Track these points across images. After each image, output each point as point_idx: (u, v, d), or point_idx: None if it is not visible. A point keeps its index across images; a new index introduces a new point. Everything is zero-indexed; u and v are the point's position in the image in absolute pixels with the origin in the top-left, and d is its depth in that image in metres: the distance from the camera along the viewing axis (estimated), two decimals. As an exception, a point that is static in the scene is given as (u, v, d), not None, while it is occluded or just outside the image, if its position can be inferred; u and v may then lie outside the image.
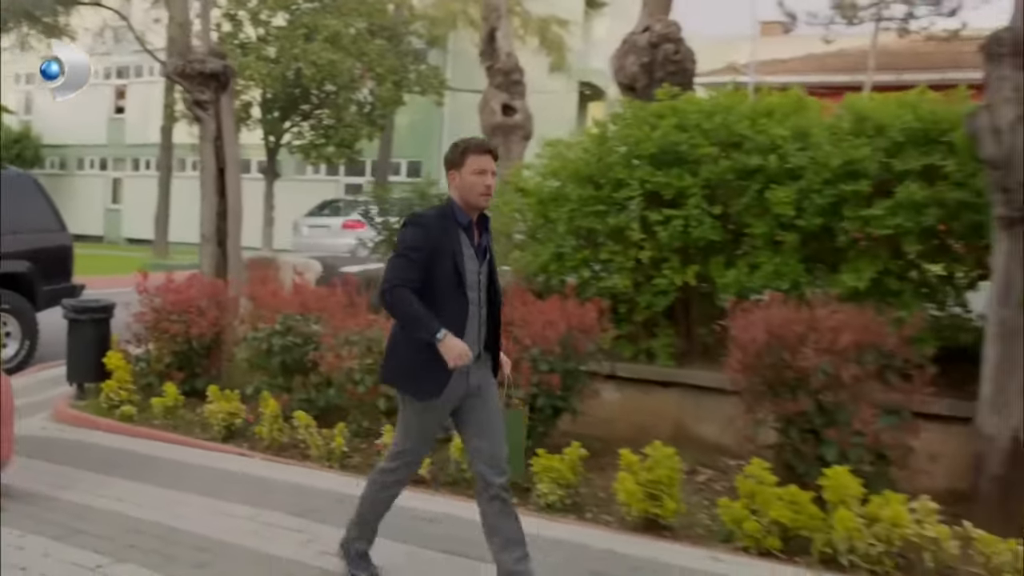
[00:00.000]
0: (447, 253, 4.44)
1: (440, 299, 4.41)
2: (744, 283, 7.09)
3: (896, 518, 5.10)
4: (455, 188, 4.54)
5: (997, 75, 5.82)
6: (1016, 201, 5.79)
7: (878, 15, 23.25)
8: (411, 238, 4.44)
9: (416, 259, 4.38)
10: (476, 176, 4.48)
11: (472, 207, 4.53)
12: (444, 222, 4.50)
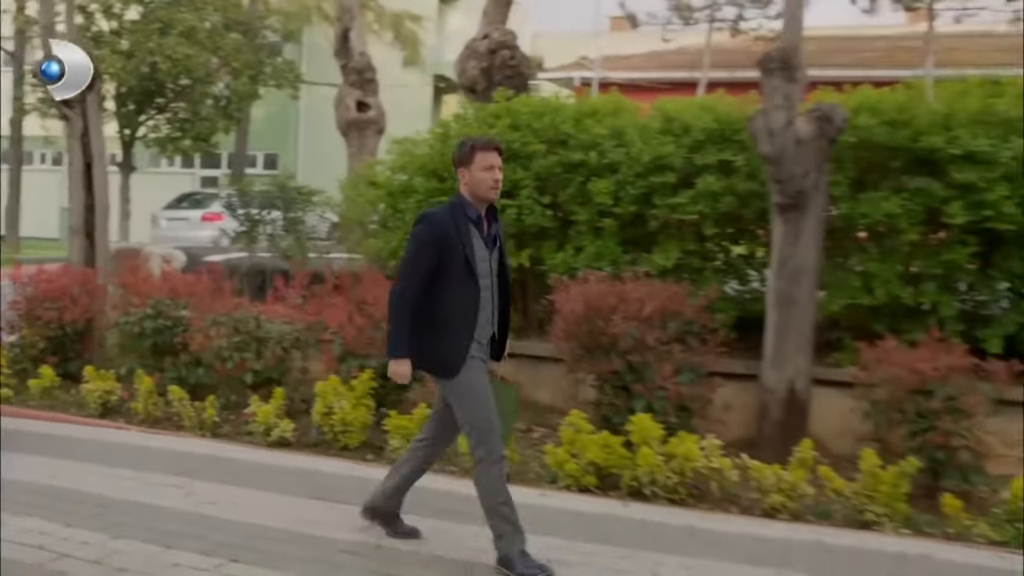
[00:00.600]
0: (457, 246, 4.81)
1: (453, 287, 4.81)
2: (571, 264, 8.09)
3: (688, 454, 6.14)
4: (465, 184, 4.91)
5: (770, 86, 6.95)
6: (788, 191, 6.93)
7: (711, 16, 24.69)
8: (421, 236, 4.86)
9: (425, 256, 4.79)
10: (485, 172, 4.87)
11: (481, 200, 4.92)
12: (454, 217, 4.86)
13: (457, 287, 4.85)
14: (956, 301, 7.41)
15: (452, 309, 4.84)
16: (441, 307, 4.84)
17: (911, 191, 7.25)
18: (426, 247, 4.82)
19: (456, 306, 4.85)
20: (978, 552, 5.47)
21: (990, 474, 6.32)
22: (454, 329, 4.84)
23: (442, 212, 4.96)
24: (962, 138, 7.09)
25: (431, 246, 4.81)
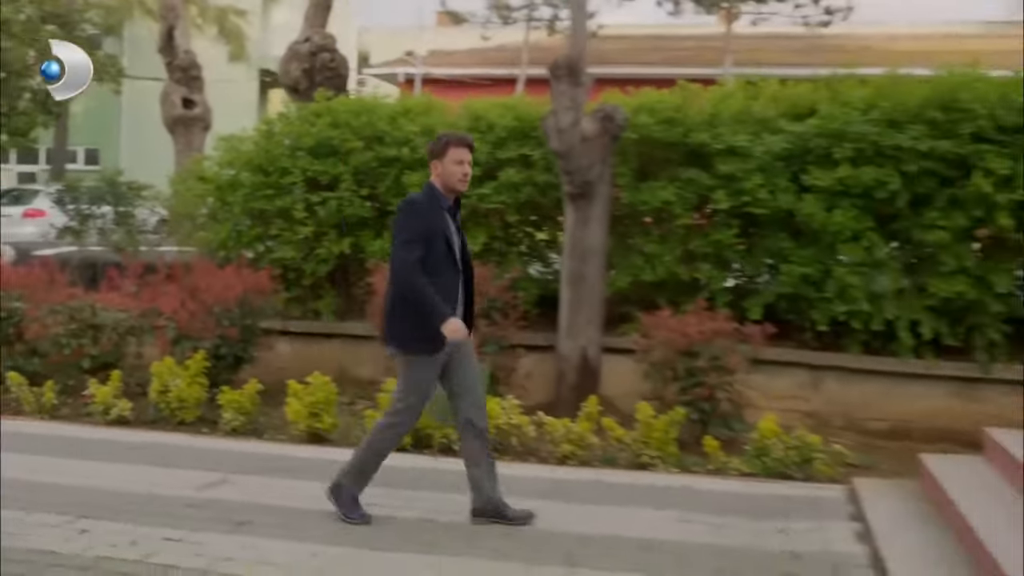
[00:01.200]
0: (439, 232, 5.23)
1: (436, 270, 5.19)
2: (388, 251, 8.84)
3: (491, 413, 6.97)
4: (437, 175, 5.33)
5: (559, 90, 7.89)
6: (576, 181, 7.88)
7: (529, 15, 25.73)
8: (412, 221, 5.22)
9: (418, 239, 5.15)
10: (456, 165, 5.29)
11: (451, 191, 5.35)
12: (432, 205, 5.29)
13: (438, 270, 5.23)
14: (727, 276, 8.53)
15: (436, 287, 5.18)
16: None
17: (684, 181, 8.32)
18: (417, 231, 5.19)
19: (438, 288, 5.19)
20: (730, 482, 6.53)
21: (748, 422, 7.41)
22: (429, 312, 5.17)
23: (422, 199, 5.37)
24: (725, 135, 8.19)
25: (420, 230, 5.20)
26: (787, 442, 6.73)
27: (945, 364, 7.94)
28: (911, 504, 5.79)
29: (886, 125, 7.85)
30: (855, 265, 7.87)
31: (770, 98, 8.62)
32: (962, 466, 5.99)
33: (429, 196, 5.35)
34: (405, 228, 5.25)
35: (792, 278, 8.00)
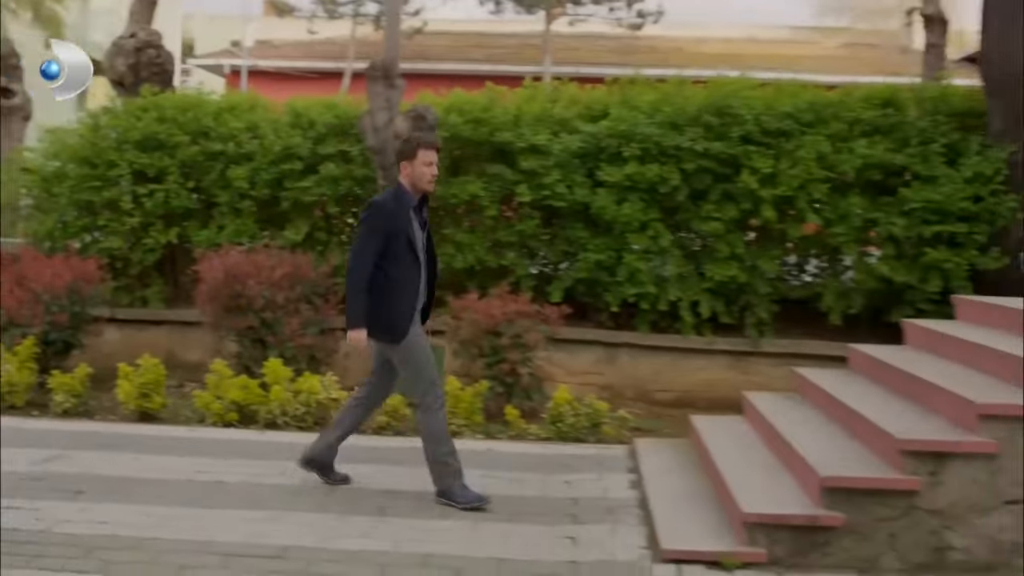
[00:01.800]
0: (401, 229, 5.66)
1: (398, 263, 5.66)
2: (214, 240, 9.31)
3: (312, 389, 7.61)
4: (406, 176, 5.74)
5: (374, 91, 8.55)
6: (391, 176, 8.51)
7: (356, 11, 26.13)
8: (374, 219, 5.70)
9: (374, 240, 5.62)
10: (426, 167, 5.71)
11: (419, 191, 5.77)
12: (398, 203, 5.73)
13: (401, 264, 5.67)
14: (530, 263, 9.35)
15: (397, 283, 5.69)
16: (388, 281, 5.69)
17: (491, 176, 9.09)
18: (375, 232, 5.67)
19: (401, 280, 5.69)
20: (529, 445, 7.33)
21: (548, 394, 8.22)
22: (400, 300, 5.70)
23: (387, 200, 5.81)
24: (527, 134, 9.00)
25: (379, 231, 5.65)
26: (578, 410, 7.58)
27: (722, 340, 8.97)
28: (679, 457, 6.69)
29: (669, 127, 8.81)
30: (643, 252, 8.80)
31: (568, 100, 9.48)
32: (724, 425, 6.93)
33: (396, 197, 5.80)
34: (365, 226, 5.78)
35: (588, 264, 8.87)
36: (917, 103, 8.98)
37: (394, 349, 5.80)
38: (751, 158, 8.65)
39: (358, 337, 5.73)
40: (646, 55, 27.84)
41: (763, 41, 31.84)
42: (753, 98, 8.91)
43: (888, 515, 4.91)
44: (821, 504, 4.94)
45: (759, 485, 5.39)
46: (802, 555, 4.91)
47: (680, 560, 4.95)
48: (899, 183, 8.67)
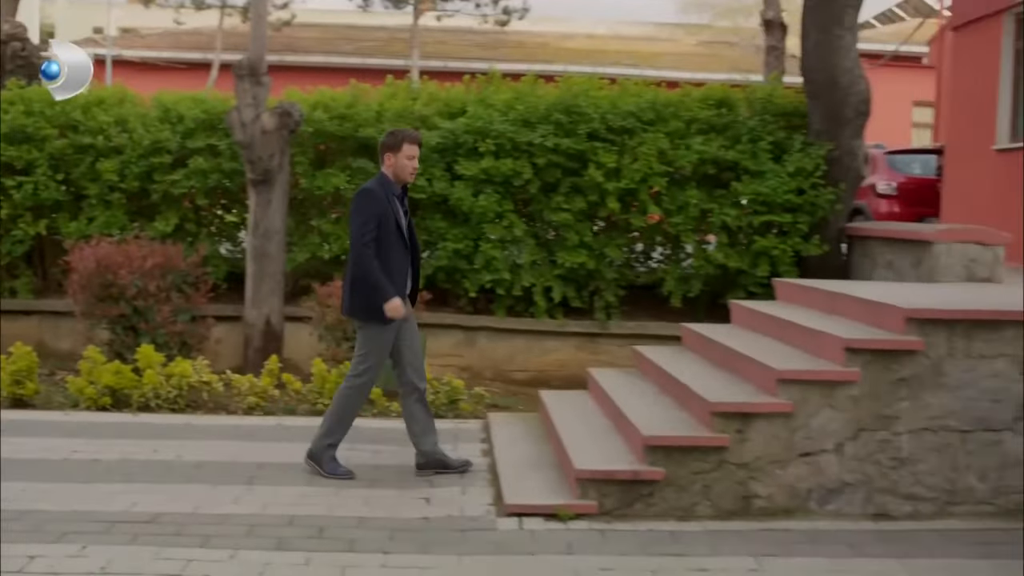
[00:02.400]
0: (390, 215, 5.96)
1: (388, 249, 5.96)
2: (84, 231, 9.54)
3: (184, 372, 7.98)
4: (389, 167, 6.06)
5: (242, 88, 8.93)
6: (258, 169, 8.95)
7: (223, 2, 26.09)
8: (367, 208, 5.93)
9: (372, 222, 5.88)
10: (409, 160, 6.07)
11: (402, 181, 6.13)
12: (384, 191, 6.01)
13: (390, 250, 5.97)
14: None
15: (387, 268, 5.95)
16: (379, 266, 5.93)
17: (355, 169, 9.56)
18: (370, 216, 5.93)
19: (390, 266, 5.96)
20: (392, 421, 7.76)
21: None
22: (393, 281, 5.97)
23: (375, 186, 6.06)
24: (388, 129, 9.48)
25: (373, 215, 5.93)
26: (437, 388, 8.14)
27: (573, 323, 9.65)
28: (528, 429, 7.30)
29: (521, 124, 9.43)
30: (498, 241, 9.40)
31: (428, 98, 10.01)
32: (569, 398, 7.57)
33: (382, 185, 6.08)
34: (361, 214, 5.98)
35: (447, 253, 9.43)
36: (748, 104, 9.81)
37: (371, 328, 6.07)
38: (597, 153, 9.33)
39: (394, 306, 5.94)
40: (513, 50, 28.60)
41: (626, 37, 32.94)
42: (599, 97, 9.60)
43: (702, 469, 5.60)
44: (644, 461, 5.61)
45: (593, 447, 6.04)
46: (628, 506, 5.57)
47: (522, 514, 5.56)
48: (731, 177, 9.47)
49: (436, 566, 4.90)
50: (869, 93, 9.35)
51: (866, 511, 5.68)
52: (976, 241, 7.99)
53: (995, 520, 5.68)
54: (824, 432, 5.63)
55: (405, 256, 6.14)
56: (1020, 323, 5.68)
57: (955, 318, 5.66)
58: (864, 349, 5.63)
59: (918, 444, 5.68)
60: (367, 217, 5.96)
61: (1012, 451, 5.73)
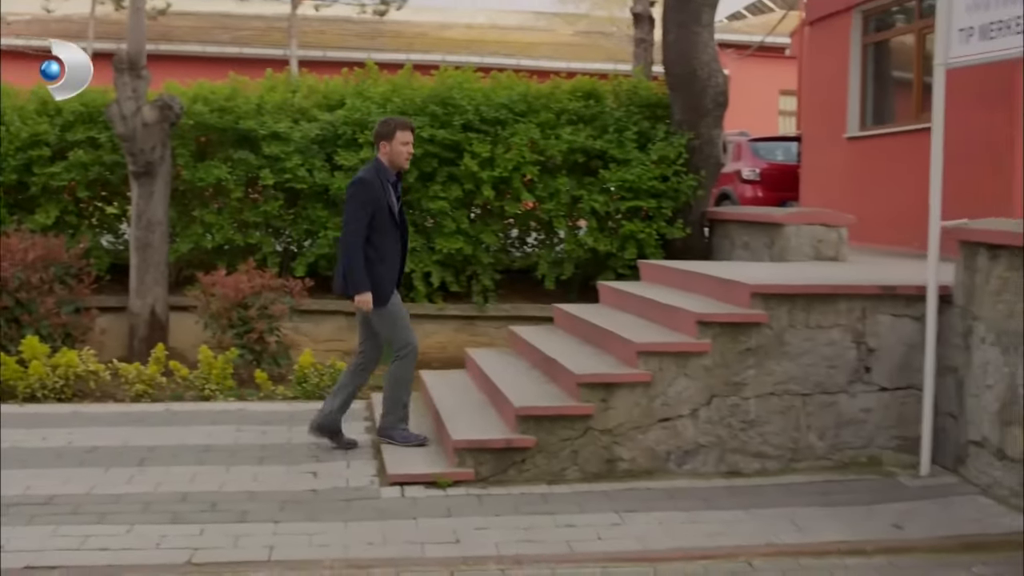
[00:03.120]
0: (384, 203, 6.27)
1: (382, 233, 6.27)
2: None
3: (70, 362, 8.13)
4: (384, 154, 6.33)
5: (122, 81, 9.07)
6: (139, 162, 9.12)
7: (94, -10, 25.60)
8: (363, 194, 6.23)
9: (367, 210, 6.20)
10: (403, 146, 6.34)
11: (397, 168, 6.41)
12: (379, 179, 6.29)
13: (384, 235, 6.32)
14: (276, 241, 10.12)
15: (382, 252, 6.32)
16: (374, 251, 6.29)
17: (236, 161, 9.78)
18: (365, 205, 6.24)
19: (384, 250, 6.33)
20: (278, 404, 8.10)
21: (296, 359, 9.03)
22: (384, 267, 6.34)
23: (371, 175, 6.33)
24: (269, 122, 9.75)
25: (368, 204, 6.24)
26: (321, 370, 8.45)
27: (452, 306, 10.07)
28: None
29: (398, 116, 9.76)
30: (379, 229, 9.73)
31: (308, 91, 10.28)
32: (448, 377, 7.97)
33: (377, 172, 6.37)
34: (355, 203, 6.29)
35: (328, 241, 9.73)
36: (615, 95, 10.35)
37: (377, 312, 6.42)
38: (472, 144, 9.75)
39: (365, 300, 6.32)
40: (391, 40, 28.80)
41: (504, 27, 33.37)
42: (473, 90, 10.02)
43: (570, 436, 6.07)
44: (516, 430, 6.05)
45: (469, 420, 6.46)
46: (503, 472, 6.01)
47: (404, 483, 5.95)
48: (599, 165, 10.00)
49: (323, 532, 5.25)
50: (726, 85, 9.99)
51: (719, 469, 6.23)
52: (822, 223, 8.65)
53: (832, 473, 6.29)
54: (680, 399, 6.16)
55: (397, 240, 6.49)
56: (852, 296, 6.30)
57: (795, 293, 6.25)
58: (714, 322, 6.17)
59: (764, 407, 6.25)
60: (360, 206, 6.29)
61: (847, 411, 6.35)
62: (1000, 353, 5.71)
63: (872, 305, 6.34)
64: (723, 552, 5.07)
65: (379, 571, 4.82)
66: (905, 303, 6.36)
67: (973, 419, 5.97)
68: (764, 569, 4.92)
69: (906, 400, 6.38)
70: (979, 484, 5.91)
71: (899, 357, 6.37)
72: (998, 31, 5.48)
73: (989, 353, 5.82)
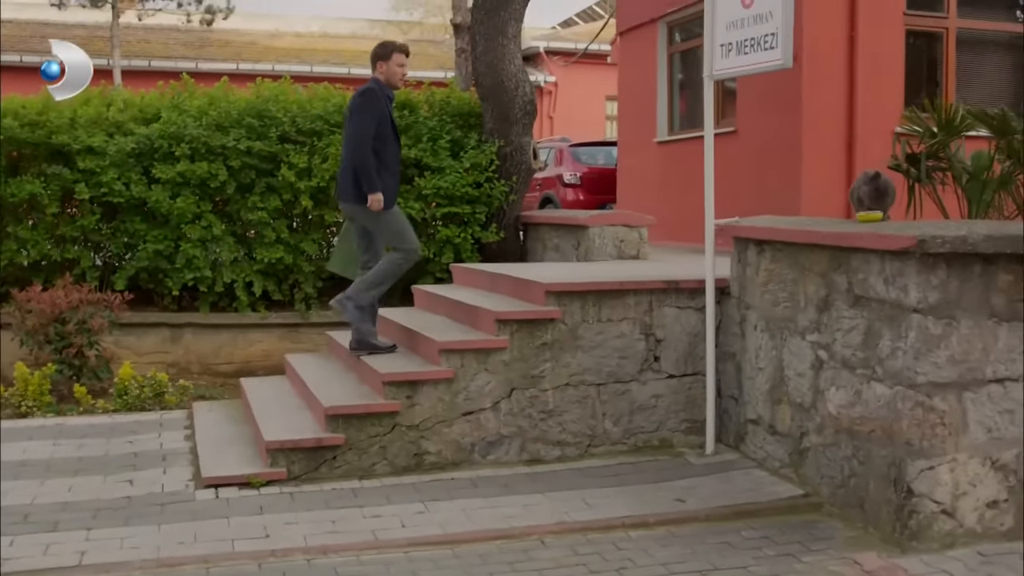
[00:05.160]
0: (387, 114, 6.86)
1: (384, 143, 6.81)
2: None
3: None
4: (382, 73, 6.93)
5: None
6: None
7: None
8: (370, 103, 6.79)
9: (374, 118, 6.74)
10: (399, 67, 6.95)
11: (393, 87, 7.05)
12: (382, 93, 6.87)
13: (386, 144, 6.86)
14: (95, 255, 10.11)
15: (385, 160, 6.84)
16: (378, 160, 6.81)
17: (50, 176, 9.74)
18: (372, 113, 6.78)
19: (387, 158, 6.86)
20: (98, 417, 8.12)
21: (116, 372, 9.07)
22: (387, 174, 6.88)
23: (375, 88, 6.89)
24: (83, 136, 9.74)
25: (375, 113, 6.78)
26: (142, 383, 8.54)
27: (275, 315, 10.27)
28: (229, 413, 7.86)
29: (215, 129, 9.93)
30: (198, 241, 9.86)
31: (123, 104, 10.30)
32: (267, 383, 8.19)
33: (379, 87, 6.93)
34: (364, 110, 6.83)
35: (148, 254, 9.81)
36: (428, 105, 10.72)
37: (378, 217, 6.94)
38: (289, 155, 9.98)
39: (378, 199, 6.82)
40: (219, 49, 28.55)
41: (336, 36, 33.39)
42: (289, 102, 10.24)
43: (378, 432, 6.39)
44: (327, 429, 6.34)
45: (283, 422, 6.72)
46: (315, 470, 6.29)
47: (218, 485, 6.16)
48: (415, 173, 10.34)
49: (136, 535, 5.43)
50: (533, 95, 10.49)
51: (521, 458, 6.65)
52: (624, 224, 9.21)
53: (627, 456, 6.78)
54: (482, 393, 6.56)
55: (397, 151, 7.11)
56: (639, 291, 6.82)
57: (586, 290, 6.73)
58: (511, 320, 6.59)
59: (562, 398, 6.71)
60: (369, 115, 6.83)
61: (639, 398, 6.86)
62: (769, 339, 6.30)
63: (658, 299, 6.87)
64: (517, 532, 5.46)
65: (190, 568, 5.04)
66: (688, 296, 6.91)
67: (750, 399, 6.55)
68: (555, 545, 5.32)
69: (693, 385, 6.93)
70: (755, 458, 6.49)
71: (684, 346, 6.91)
72: (751, 47, 6.07)
73: (760, 339, 6.40)
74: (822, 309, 5.71)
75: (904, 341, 5.04)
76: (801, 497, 5.85)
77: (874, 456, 5.29)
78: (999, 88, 12.24)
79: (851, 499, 5.48)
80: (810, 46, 10.90)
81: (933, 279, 4.94)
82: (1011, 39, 12.35)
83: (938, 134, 7.60)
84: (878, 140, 10.39)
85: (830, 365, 5.65)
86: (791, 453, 6.08)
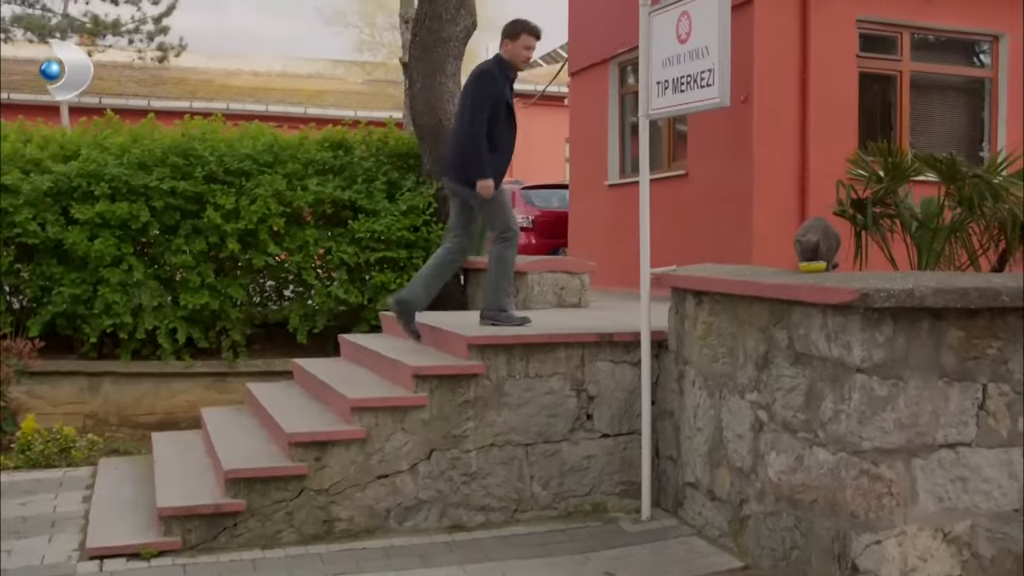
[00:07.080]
0: (503, 96, 6.61)
1: (497, 127, 6.58)
2: None
3: None
4: (507, 51, 6.68)
5: None
6: None
7: None
8: (487, 86, 6.57)
9: (488, 101, 6.51)
10: (525, 49, 6.68)
11: (515, 68, 6.74)
12: (501, 73, 6.63)
13: (500, 128, 6.62)
14: (10, 299, 9.55)
15: (496, 142, 6.61)
16: (491, 143, 6.58)
17: (-35, 218, 9.21)
18: (487, 96, 6.55)
19: (499, 140, 6.62)
20: None
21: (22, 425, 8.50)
22: (497, 156, 6.65)
23: (493, 68, 6.67)
24: (-6, 174, 9.24)
25: (490, 96, 6.55)
26: (47, 437, 7.97)
27: (201, 363, 9.75)
28: (136, 471, 7.29)
29: (137, 167, 9.44)
30: (118, 285, 9.33)
31: (42, 141, 9.80)
32: (179, 438, 7.66)
33: (499, 66, 6.71)
34: (479, 91, 6.62)
35: (64, 298, 9.26)
36: (365, 145, 10.29)
37: (484, 198, 6.69)
38: (215, 195, 9.50)
39: (487, 186, 6.62)
40: (174, 87, 28.09)
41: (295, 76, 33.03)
42: (217, 140, 9.78)
43: (284, 497, 5.87)
44: (227, 494, 5.81)
45: (182, 485, 6.18)
46: (213, 539, 5.74)
47: (104, 556, 5.60)
48: (349, 216, 9.89)
49: (1, 616, 4.89)
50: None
51: (442, 524, 6.15)
52: (564, 270, 8.77)
53: (557, 522, 6.29)
54: (398, 455, 6.06)
55: (513, 134, 6.81)
56: (570, 344, 6.36)
57: (512, 343, 6.26)
58: (430, 375, 6.11)
59: (486, 459, 6.22)
60: (483, 96, 6.61)
61: (570, 459, 6.39)
62: (707, 396, 5.86)
63: (591, 353, 6.42)
64: (426, 612, 4.98)
65: (54, 656, 4.51)
66: (623, 349, 6.47)
67: (688, 461, 6.10)
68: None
69: (628, 445, 6.47)
70: (694, 525, 6.04)
71: (620, 403, 6.46)
72: (687, 85, 5.68)
73: (699, 396, 5.97)
74: (761, 367, 5.29)
75: (848, 403, 4.62)
76: (740, 570, 5.40)
77: (817, 528, 4.85)
78: (954, 132, 12.02)
79: (793, 574, 5.03)
80: (761, 88, 10.60)
81: (878, 336, 4.53)
82: (966, 83, 12.14)
83: (884, 179, 7.24)
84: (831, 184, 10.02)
85: (770, 427, 5.22)
86: (731, 521, 5.63)
